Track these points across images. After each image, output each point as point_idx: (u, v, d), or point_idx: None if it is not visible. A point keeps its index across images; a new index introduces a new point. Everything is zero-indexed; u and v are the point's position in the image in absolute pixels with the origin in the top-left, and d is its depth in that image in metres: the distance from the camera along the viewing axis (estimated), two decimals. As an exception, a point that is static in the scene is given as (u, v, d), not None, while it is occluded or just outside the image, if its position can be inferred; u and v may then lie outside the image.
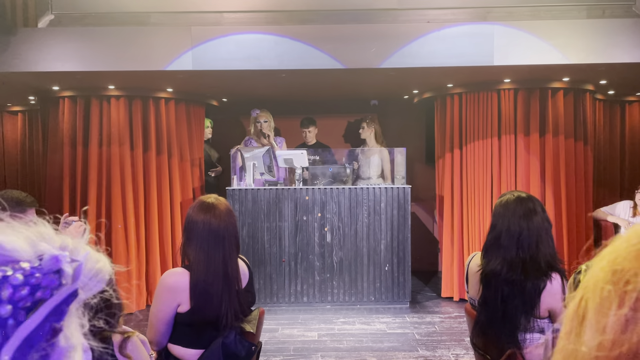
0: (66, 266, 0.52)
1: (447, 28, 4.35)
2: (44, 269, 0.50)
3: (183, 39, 4.32)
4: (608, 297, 0.45)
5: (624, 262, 0.45)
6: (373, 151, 5.79)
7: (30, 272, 0.49)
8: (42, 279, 0.50)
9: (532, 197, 2.33)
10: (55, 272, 0.50)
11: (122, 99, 5.19)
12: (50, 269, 0.51)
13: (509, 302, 2.22)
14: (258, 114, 5.65)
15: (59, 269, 0.51)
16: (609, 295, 0.45)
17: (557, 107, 5.15)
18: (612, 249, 0.48)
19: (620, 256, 0.46)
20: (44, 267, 0.50)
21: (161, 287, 2.13)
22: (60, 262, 0.51)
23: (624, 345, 0.42)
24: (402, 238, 5.16)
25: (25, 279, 0.49)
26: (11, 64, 4.29)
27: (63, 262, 0.52)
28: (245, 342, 2.16)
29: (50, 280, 0.50)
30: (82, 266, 0.53)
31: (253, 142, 5.72)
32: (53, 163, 5.30)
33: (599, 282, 0.46)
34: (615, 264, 0.46)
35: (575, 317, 0.48)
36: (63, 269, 0.51)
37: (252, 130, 5.76)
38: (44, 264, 0.51)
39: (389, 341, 4.30)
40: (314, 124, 6.06)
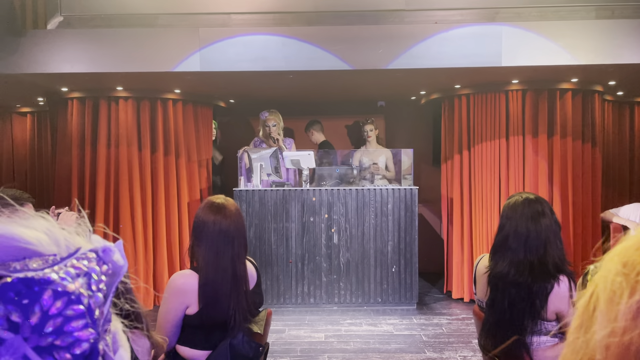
0: (116, 256, 0.52)
1: (454, 29, 4.34)
2: (104, 260, 0.51)
3: (191, 40, 4.34)
4: (619, 287, 0.46)
5: (634, 254, 0.47)
6: (379, 152, 5.78)
7: (87, 273, 0.49)
8: (109, 270, 0.51)
9: (540, 199, 2.31)
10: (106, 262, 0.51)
11: (131, 100, 5.22)
12: (108, 260, 0.51)
13: (515, 304, 2.21)
14: (267, 117, 5.63)
15: (110, 260, 0.51)
16: (620, 286, 0.46)
17: (566, 108, 5.12)
18: (620, 247, 0.49)
19: (630, 249, 0.48)
20: (104, 259, 0.51)
21: (170, 289, 2.14)
22: (112, 252, 0.52)
23: (636, 331, 0.44)
24: (409, 239, 5.15)
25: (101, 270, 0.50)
26: (21, 65, 4.32)
27: (114, 252, 0.52)
28: (252, 343, 2.17)
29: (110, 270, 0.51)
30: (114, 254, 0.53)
31: (262, 144, 5.71)
32: (62, 164, 5.34)
33: (610, 274, 0.48)
34: (625, 256, 0.47)
35: (585, 312, 0.49)
36: (113, 260, 0.52)
37: (261, 133, 5.75)
38: (104, 256, 0.51)
39: (396, 343, 4.29)
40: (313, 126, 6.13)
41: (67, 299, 0.46)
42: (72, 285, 0.46)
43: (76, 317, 0.46)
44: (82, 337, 0.46)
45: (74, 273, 0.47)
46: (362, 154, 5.87)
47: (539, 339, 2.22)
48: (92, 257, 0.50)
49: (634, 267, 0.46)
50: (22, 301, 0.44)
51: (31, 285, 0.45)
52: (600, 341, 0.46)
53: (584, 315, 0.49)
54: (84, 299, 0.47)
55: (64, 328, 0.45)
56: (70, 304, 0.46)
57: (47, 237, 0.50)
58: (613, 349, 0.45)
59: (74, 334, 0.45)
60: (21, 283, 0.44)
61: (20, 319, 0.44)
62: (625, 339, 0.44)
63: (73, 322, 0.45)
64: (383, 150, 5.85)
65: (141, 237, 5.21)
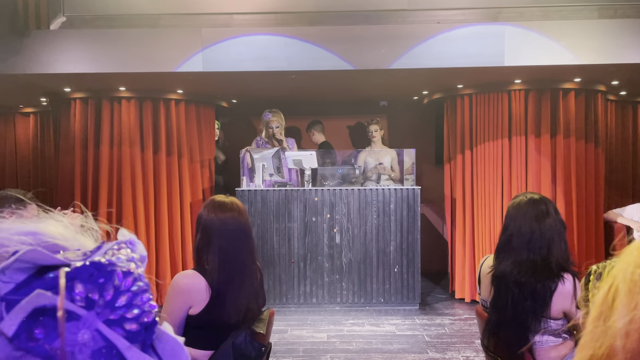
0: (140, 247, 0.58)
1: (457, 29, 4.33)
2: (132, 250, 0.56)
3: (193, 40, 4.34)
4: (639, 279, 0.49)
5: None
6: (385, 152, 5.75)
7: (131, 259, 0.54)
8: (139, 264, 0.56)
9: (545, 199, 2.31)
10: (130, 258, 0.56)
11: (133, 100, 5.23)
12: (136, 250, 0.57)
13: (519, 304, 2.21)
14: (270, 119, 5.62)
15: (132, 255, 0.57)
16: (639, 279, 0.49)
17: (569, 108, 5.11)
18: (637, 244, 0.52)
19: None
20: (132, 249, 0.56)
21: (173, 289, 2.14)
22: (137, 244, 0.57)
23: None
24: (411, 239, 5.15)
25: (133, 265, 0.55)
26: (23, 65, 4.33)
27: (139, 243, 0.58)
28: (255, 343, 2.17)
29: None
30: None
31: (266, 144, 5.70)
32: (64, 164, 5.35)
33: (630, 267, 0.50)
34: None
35: (604, 303, 0.52)
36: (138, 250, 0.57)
37: (264, 133, 5.74)
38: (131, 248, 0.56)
39: (399, 343, 4.29)
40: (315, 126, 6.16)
41: (133, 277, 0.52)
42: (132, 265, 0.53)
43: (141, 291, 0.52)
44: (148, 309, 0.52)
45: (124, 258, 0.53)
46: (367, 154, 5.83)
47: (542, 338, 2.22)
48: (125, 247, 0.56)
49: None
50: (99, 280, 0.50)
51: (101, 268, 0.51)
52: (620, 329, 0.48)
53: (603, 306, 0.51)
54: (143, 278, 0.54)
55: (133, 302, 0.51)
56: (136, 281, 0.52)
57: (70, 233, 0.56)
58: (633, 335, 0.47)
59: (142, 306, 0.52)
60: (92, 267, 0.50)
61: (97, 295, 0.50)
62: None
63: (140, 296, 0.52)
64: (388, 150, 5.80)
65: (144, 238, 5.22)
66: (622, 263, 0.51)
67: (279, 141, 5.58)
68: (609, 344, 0.49)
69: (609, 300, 0.51)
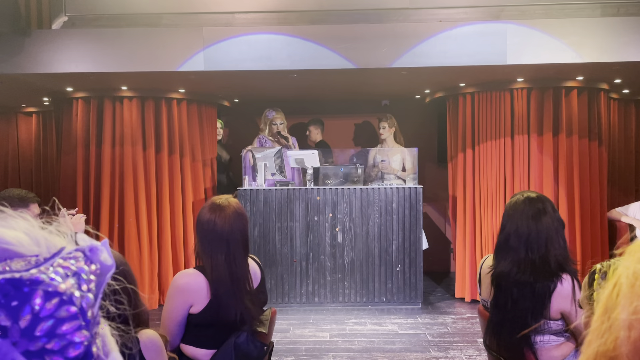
0: (104, 255, 0.51)
1: (459, 27, 4.32)
2: (91, 259, 0.49)
3: (195, 39, 4.34)
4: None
5: None
6: (395, 150, 5.68)
7: (78, 272, 0.47)
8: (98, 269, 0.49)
9: (542, 197, 2.30)
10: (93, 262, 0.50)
11: (135, 99, 5.23)
12: (96, 260, 0.50)
13: (518, 303, 2.20)
14: (274, 116, 5.62)
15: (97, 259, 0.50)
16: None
17: (571, 106, 5.09)
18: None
19: None
20: (92, 258, 0.49)
21: (173, 288, 2.14)
22: (99, 251, 0.50)
23: None
24: (413, 238, 5.14)
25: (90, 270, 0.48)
26: (25, 65, 4.34)
27: (102, 251, 0.50)
28: (257, 342, 2.16)
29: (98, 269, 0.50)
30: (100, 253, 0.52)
31: (268, 142, 5.69)
32: (67, 163, 5.36)
33: (632, 263, 0.51)
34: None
35: (609, 300, 0.52)
36: (100, 259, 0.50)
37: (267, 131, 5.74)
38: (91, 256, 0.49)
39: (401, 342, 4.29)
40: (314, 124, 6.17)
41: (60, 299, 0.44)
42: (63, 285, 0.44)
43: (69, 318, 0.44)
44: (76, 340, 0.44)
45: (63, 273, 0.45)
46: (377, 152, 5.78)
47: (543, 337, 2.21)
48: (80, 256, 0.48)
49: None
50: (11, 303, 0.42)
51: (19, 286, 0.42)
52: (624, 320, 0.49)
53: (608, 303, 0.52)
54: (77, 299, 0.44)
55: (56, 330, 0.43)
56: (63, 305, 0.44)
57: (28, 237, 0.48)
58: (636, 325, 0.48)
59: (67, 336, 0.43)
60: (8, 284, 0.42)
61: (9, 322, 0.42)
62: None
63: (66, 324, 0.43)
64: (399, 149, 5.67)
65: (146, 237, 5.23)
66: (625, 261, 0.52)
67: (285, 138, 5.57)
68: (614, 338, 0.49)
69: (613, 297, 0.51)
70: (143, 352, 1.61)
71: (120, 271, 1.56)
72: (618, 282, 0.52)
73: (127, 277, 1.60)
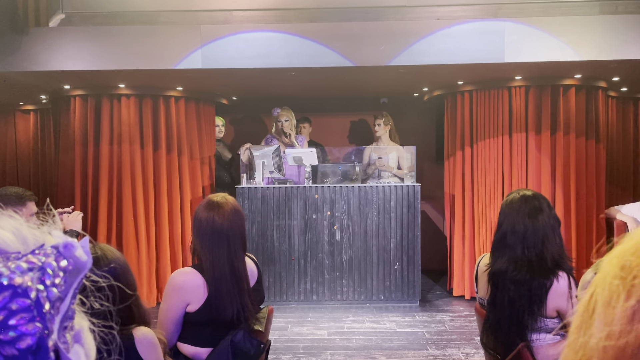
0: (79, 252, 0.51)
1: (457, 25, 4.32)
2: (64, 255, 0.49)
3: (193, 37, 4.33)
4: (616, 290, 0.47)
5: (631, 257, 0.47)
6: (390, 148, 5.67)
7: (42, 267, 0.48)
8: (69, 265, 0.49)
9: (537, 195, 2.31)
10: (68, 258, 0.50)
11: (133, 97, 5.22)
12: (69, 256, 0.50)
13: (515, 301, 2.20)
14: (279, 113, 5.61)
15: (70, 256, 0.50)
16: (617, 289, 0.47)
17: (569, 104, 5.10)
18: (619, 249, 0.50)
19: (628, 252, 0.48)
20: (64, 254, 0.49)
21: (170, 286, 2.14)
22: (73, 248, 0.50)
23: (631, 334, 0.45)
24: (411, 236, 5.14)
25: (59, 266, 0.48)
26: (23, 63, 4.33)
27: (76, 248, 0.51)
28: (254, 340, 2.16)
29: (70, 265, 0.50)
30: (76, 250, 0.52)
31: (274, 141, 5.68)
32: (64, 161, 5.35)
33: (608, 276, 0.48)
34: (623, 259, 0.48)
35: (585, 312, 0.50)
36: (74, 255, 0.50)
37: (274, 129, 5.73)
38: (64, 252, 0.49)
39: (399, 340, 4.29)
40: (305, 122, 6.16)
41: (12, 292, 0.44)
42: (19, 279, 0.45)
43: (21, 310, 0.44)
44: (27, 331, 0.44)
45: (25, 267, 0.46)
46: (372, 150, 5.76)
47: (539, 336, 2.22)
48: (51, 252, 0.49)
49: (630, 270, 0.47)
50: None
51: None
52: (597, 343, 0.47)
53: (584, 316, 0.50)
54: (32, 292, 0.45)
55: (7, 322, 0.44)
56: (15, 297, 0.44)
57: (14, 235, 0.49)
58: (609, 351, 0.46)
59: (18, 328, 0.44)
60: None
61: None
62: (620, 343, 0.45)
63: (17, 315, 0.44)
64: (395, 147, 5.66)
65: (144, 235, 5.22)
66: (602, 271, 0.50)
67: (288, 135, 5.56)
68: (587, 358, 0.48)
69: (590, 311, 0.50)
70: (137, 349, 1.62)
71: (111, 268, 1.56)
72: (594, 294, 0.50)
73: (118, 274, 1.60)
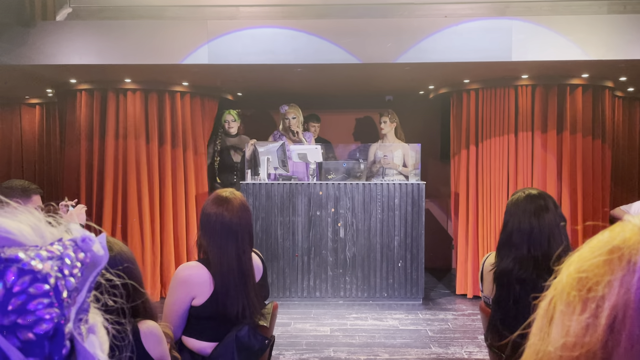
0: (96, 246, 0.52)
1: (464, 23, 4.30)
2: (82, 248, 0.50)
3: (199, 32, 4.33)
4: (573, 302, 0.49)
5: (588, 270, 0.49)
6: (396, 146, 5.66)
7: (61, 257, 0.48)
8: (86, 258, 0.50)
9: (543, 194, 2.30)
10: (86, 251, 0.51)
11: (138, 92, 5.23)
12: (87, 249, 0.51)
13: (521, 300, 2.20)
14: (287, 110, 5.60)
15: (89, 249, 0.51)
16: (573, 300, 0.49)
17: (576, 104, 5.08)
18: (580, 256, 0.51)
19: (586, 264, 0.49)
20: (82, 247, 0.50)
21: (175, 280, 2.15)
22: (91, 242, 0.51)
23: (584, 348, 0.46)
24: (415, 234, 5.14)
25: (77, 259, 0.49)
26: (29, 56, 4.33)
27: (94, 242, 0.51)
28: (258, 335, 2.17)
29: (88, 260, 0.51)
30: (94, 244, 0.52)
31: (282, 137, 5.67)
32: (70, 155, 5.36)
33: (566, 287, 0.50)
34: (581, 271, 0.49)
35: (545, 316, 0.52)
36: (92, 249, 0.51)
37: (281, 126, 5.73)
38: (82, 245, 0.50)
39: (402, 337, 4.29)
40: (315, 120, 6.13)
41: (32, 276, 0.45)
42: (39, 265, 0.45)
43: (40, 295, 0.45)
44: (45, 316, 0.45)
45: (45, 256, 0.46)
46: (378, 147, 5.74)
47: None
48: (70, 244, 0.49)
49: (586, 282, 0.48)
50: None
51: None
52: (554, 352, 0.48)
53: (544, 320, 0.51)
54: (51, 279, 0.46)
55: (27, 306, 0.44)
56: (35, 282, 0.45)
57: (32, 229, 0.50)
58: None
59: (37, 312, 0.44)
60: None
61: None
62: (575, 354, 0.47)
63: (36, 300, 0.44)
64: (400, 144, 5.63)
65: (148, 229, 5.23)
66: (562, 274, 0.51)
67: (295, 133, 5.56)
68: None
69: (549, 316, 0.51)
70: (143, 342, 1.62)
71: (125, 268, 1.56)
72: (553, 299, 0.51)
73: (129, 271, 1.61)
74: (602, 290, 0.47)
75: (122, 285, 0.59)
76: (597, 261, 0.48)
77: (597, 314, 0.46)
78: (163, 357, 1.67)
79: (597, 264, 0.48)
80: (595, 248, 0.49)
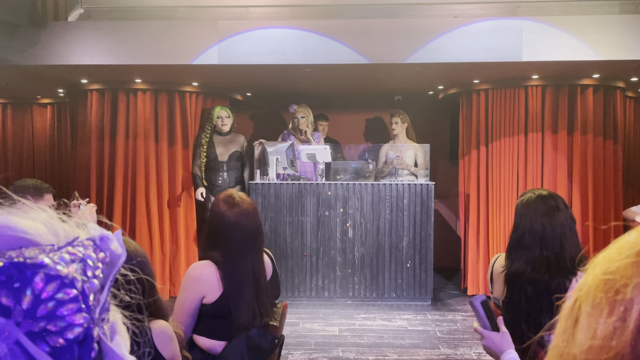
0: (114, 244, 0.52)
1: (474, 23, 4.29)
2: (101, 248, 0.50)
3: (209, 33, 4.35)
4: (599, 304, 0.48)
5: (615, 272, 0.48)
6: (408, 146, 5.64)
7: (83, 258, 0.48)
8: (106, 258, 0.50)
9: (553, 194, 2.29)
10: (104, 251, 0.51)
11: (149, 92, 5.26)
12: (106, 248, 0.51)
13: (532, 302, 2.19)
14: (296, 110, 5.60)
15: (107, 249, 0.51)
16: (600, 303, 0.48)
17: (587, 104, 5.04)
18: (606, 257, 0.50)
19: (613, 266, 0.48)
20: (101, 247, 0.50)
21: (187, 278, 2.16)
22: (109, 240, 0.51)
23: (611, 351, 0.45)
24: (424, 235, 5.13)
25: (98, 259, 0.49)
26: (41, 56, 4.37)
27: (112, 240, 0.52)
28: (268, 335, 2.18)
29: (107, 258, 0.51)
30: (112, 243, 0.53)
31: (291, 137, 5.68)
32: (81, 155, 5.41)
33: (592, 289, 0.49)
34: (607, 273, 0.48)
35: (569, 318, 0.51)
36: (110, 248, 0.51)
37: (290, 125, 5.74)
38: (101, 245, 0.50)
39: (410, 338, 4.29)
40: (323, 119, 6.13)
41: (60, 282, 0.45)
42: (65, 270, 0.45)
43: (69, 301, 0.45)
44: (75, 322, 0.45)
45: (68, 259, 0.46)
46: (389, 148, 5.73)
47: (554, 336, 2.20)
48: (89, 244, 0.49)
49: (614, 284, 0.47)
50: (14, 285, 0.43)
51: (23, 269, 0.44)
52: (579, 355, 0.48)
53: (568, 322, 0.50)
54: (78, 283, 0.46)
55: (56, 312, 0.44)
56: (63, 288, 0.45)
57: (46, 227, 0.50)
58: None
59: (66, 318, 0.44)
60: (13, 267, 0.44)
61: (12, 303, 0.43)
62: (601, 358, 0.46)
63: (65, 306, 0.45)
64: (412, 144, 5.61)
65: (157, 229, 5.26)
66: (588, 275, 0.50)
67: (304, 132, 5.56)
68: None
69: (574, 317, 0.50)
70: (155, 341, 1.63)
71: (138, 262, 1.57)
72: (578, 300, 0.50)
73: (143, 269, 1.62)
74: (630, 293, 0.46)
75: (138, 281, 0.60)
76: (625, 263, 0.47)
77: (625, 317, 0.46)
78: (174, 356, 1.68)
79: (625, 266, 0.47)
80: (623, 249, 0.48)
